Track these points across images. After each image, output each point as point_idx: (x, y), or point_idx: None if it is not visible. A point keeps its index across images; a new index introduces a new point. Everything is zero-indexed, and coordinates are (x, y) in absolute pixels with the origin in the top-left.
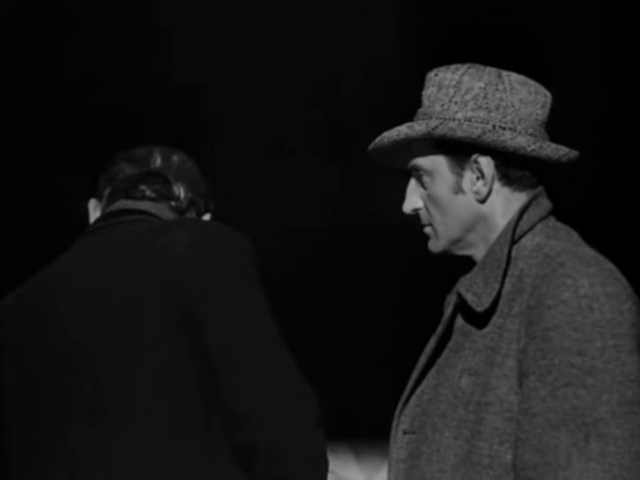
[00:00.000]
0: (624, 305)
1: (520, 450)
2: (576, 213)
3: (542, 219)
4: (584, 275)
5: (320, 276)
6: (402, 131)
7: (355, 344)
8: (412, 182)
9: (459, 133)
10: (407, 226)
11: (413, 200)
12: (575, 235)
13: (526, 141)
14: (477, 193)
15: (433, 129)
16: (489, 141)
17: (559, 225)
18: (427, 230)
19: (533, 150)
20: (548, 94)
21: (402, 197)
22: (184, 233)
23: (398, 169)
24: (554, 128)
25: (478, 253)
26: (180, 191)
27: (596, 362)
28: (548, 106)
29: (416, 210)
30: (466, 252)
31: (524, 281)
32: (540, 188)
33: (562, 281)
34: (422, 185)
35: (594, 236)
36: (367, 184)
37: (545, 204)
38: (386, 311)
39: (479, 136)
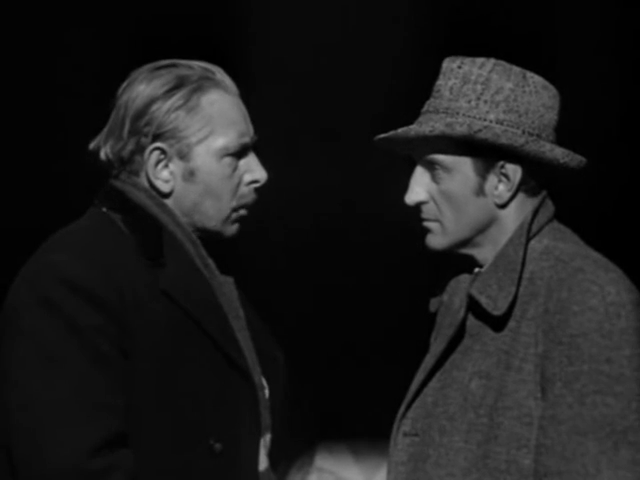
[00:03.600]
0: None
1: (543, 456)
2: (580, 216)
3: (549, 222)
4: (609, 282)
5: (326, 272)
6: (438, 128)
7: (355, 343)
8: (419, 172)
9: (503, 140)
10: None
11: (418, 191)
12: (577, 237)
13: (561, 153)
14: (499, 197)
15: (476, 132)
16: (529, 150)
17: (563, 227)
18: (430, 225)
19: (565, 162)
20: (559, 97)
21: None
22: None
23: (399, 155)
24: (559, 130)
25: (480, 254)
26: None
27: (625, 370)
28: (559, 110)
29: (421, 203)
30: (469, 252)
31: (536, 284)
32: (545, 191)
33: (587, 287)
34: (434, 179)
35: (597, 239)
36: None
37: (550, 206)
38: (387, 310)
39: (522, 145)
